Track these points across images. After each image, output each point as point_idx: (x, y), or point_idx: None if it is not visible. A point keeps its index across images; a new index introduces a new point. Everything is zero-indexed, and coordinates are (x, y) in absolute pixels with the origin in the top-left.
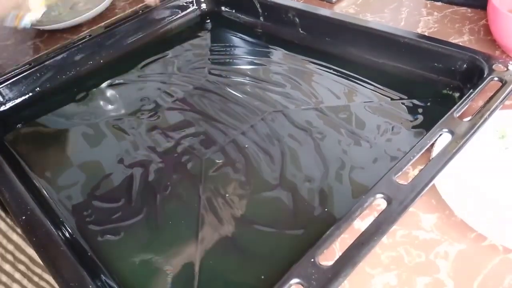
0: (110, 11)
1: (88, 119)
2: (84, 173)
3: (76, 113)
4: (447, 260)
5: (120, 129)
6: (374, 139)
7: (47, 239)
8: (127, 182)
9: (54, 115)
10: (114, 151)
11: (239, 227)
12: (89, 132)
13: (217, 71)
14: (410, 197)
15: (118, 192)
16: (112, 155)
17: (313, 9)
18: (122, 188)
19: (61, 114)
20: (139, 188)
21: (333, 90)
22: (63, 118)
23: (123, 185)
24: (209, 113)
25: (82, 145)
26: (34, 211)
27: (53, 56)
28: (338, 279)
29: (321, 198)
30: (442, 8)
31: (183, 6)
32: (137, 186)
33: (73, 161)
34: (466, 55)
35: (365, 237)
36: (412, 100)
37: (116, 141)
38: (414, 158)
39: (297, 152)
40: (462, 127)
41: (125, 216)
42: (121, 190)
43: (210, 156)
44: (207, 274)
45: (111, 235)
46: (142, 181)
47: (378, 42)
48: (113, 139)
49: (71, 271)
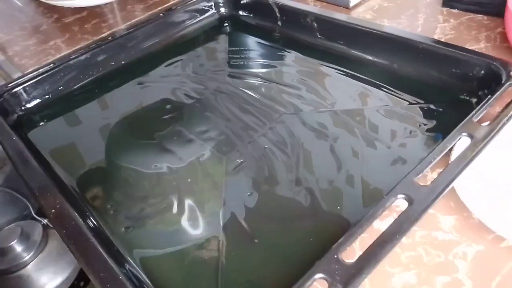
0: (130, 13)
1: (110, 118)
2: (106, 168)
3: (98, 112)
4: (465, 261)
5: (142, 128)
6: (389, 143)
7: (76, 232)
8: (150, 177)
9: (77, 114)
10: (136, 148)
11: (259, 224)
12: (111, 130)
13: (235, 74)
14: (431, 198)
15: (141, 186)
16: (135, 152)
17: (331, 14)
18: (145, 182)
19: (84, 112)
20: (161, 183)
21: (349, 94)
22: (86, 116)
23: (146, 180)
24: (228, 114)
25: (105, 143)
26: (63, 205)
27: (77, 56)
28: (361, 275)
29: (335, 198)
30: (458, 15)
31: (202, 10)
32: (159, 181)
33: (95, 157)
34: (484, 61)
35: (387, 236)
36: (429, 104)
37: (138, 140)
38: (434, 161)
39: (313, 153)
40: (481, 131)
41: (148, 209)
42: (143, 185)
43: (230, 155)
44: (230, 266)
45: (135, 226)
46: (164, 177)
47: (395, 47)
48: (135, 139)
49: (100, 262)
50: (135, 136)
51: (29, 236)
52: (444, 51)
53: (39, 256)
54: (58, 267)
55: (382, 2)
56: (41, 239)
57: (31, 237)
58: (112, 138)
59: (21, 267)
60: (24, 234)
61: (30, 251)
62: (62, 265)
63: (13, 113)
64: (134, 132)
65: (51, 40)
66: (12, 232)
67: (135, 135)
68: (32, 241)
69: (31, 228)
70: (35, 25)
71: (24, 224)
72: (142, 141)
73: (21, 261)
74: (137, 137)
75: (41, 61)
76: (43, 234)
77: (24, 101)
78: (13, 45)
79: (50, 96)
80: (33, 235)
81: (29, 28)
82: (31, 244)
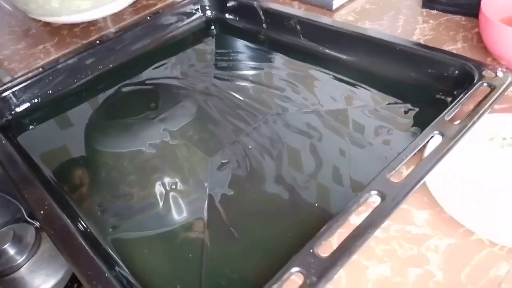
0: (118, 17)
1: (98, 121)
2: (95, 170)
3: (86, 115)
4: (437, 253)
5: (129, 130)
6: (370, 141)
7: (64, 232)
8: (137, 178)
9: (66, 117)
10: (123, 151)
11: (243, 221)
12: (99, 133)
13: (221, 76)
14: (403, 194)
15: (128, 187)
16: (122, 154)
17: (314, 17)
18: (132, 183)
19: (73, 116)
20: (148, 184)
21: (332, 94)
22: (75, 120)
23: (133, 181)
24: (214, 115)
25: (93, 145)
26: (52, 206)
27: (65, 60)
28: (335, 267)
29: (318, 195)
30: (437, 16)
31: (189, 13)
32: (146, 181)
33: (83, 159)
34: (458, 62)
35: (360, 230)
36: (407, 104)
37: (125, 142)
38: (406, 158)
39: (297, 153)
40: (453, 130)
41: (135, 209)
42: (131, 186)
43: (215, 155)
44: (214, 263)
45: (123, 227)
46: (150, 178)
47: (375, 49)
48: (122, 140)
49: (88, 262)
50: (121, 136)
51: (22, 239)
52: (421, 52)
53: (32, 259)
54: (51, 269)
55: (364, 4)
56: (33, 242)
57: (24, 240)
58: (99, 140)
59: (14, 270)
60: (16, 237)
61: (23, 253)
62: (55, 267)
63: (3, 117)
64: (121, 133)
65: (40, 44)
66: (5, 235)
67: (124, 137)
68: (24, 243)
69: (24, 231)
70: (24, 29)
71: (16, 227)
72: (129, 143)
73: (14, 264)
74: (123, 138)
75: (31, 65)
76: (36, 236)
77: (14, 105)
78: (3, 49)
79: (39, 100)
80: (26, 238)
81: (19, 32)
82: (24, 247)
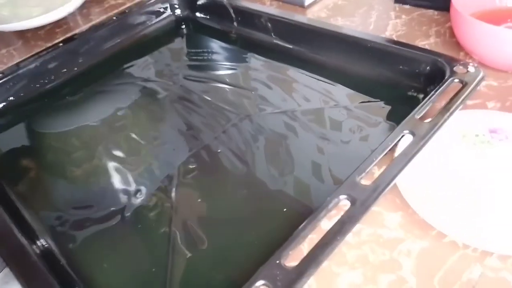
0: (85, 17)
1: (62, 129)
2: (55, 182)
3: (50, 122)
4: (409, 257)
5: (93, 137)
6: (346, 140)
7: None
8: (98, 189)
9: (28, 125)
10: (85, 161)
11: (211, 229)
12: (62, 142)
13: (192, 77)
14: (373, 197)
15: (90, 199)
16: (84, 164)
17: (284, 15)
18: (93, 195)
19: (35, 124)
20: (110, 194)
21: (307, 94)
22: (37, 128)
23: (94, 192)
24: (182, 119)
25: (55, 155)
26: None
27: (26, 65)
28: (302, 279)
29: (291, 197)
30: (410, 11)
31: (157, 12)
32: (108, 192)
33: (44, 171)
34: (429, 57)
35: (329, 237)
36: (380, 102)
37: (88, 151)
38: (376, 160)
39: (270, 154)
40: (423, 128)
41: (96, 222)
42: (92, 197)
43: (183, 161)
44: (179, 275)
45: (83, 241)
46: (113, 187)
47: (346, 47)
48: (85, 150)
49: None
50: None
51: None
52: (391, 48)
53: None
54: None
55: (337, 0)
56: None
57: None
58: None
59: None
60: None
61: None
62: None
63: None
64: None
65: (3, 48)
66: None
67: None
68: None
69: None
70: None
71: None
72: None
73: None
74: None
75: None
76: None
77: None
78: None
79: (0, 107)
80: None
81: None
82: None
